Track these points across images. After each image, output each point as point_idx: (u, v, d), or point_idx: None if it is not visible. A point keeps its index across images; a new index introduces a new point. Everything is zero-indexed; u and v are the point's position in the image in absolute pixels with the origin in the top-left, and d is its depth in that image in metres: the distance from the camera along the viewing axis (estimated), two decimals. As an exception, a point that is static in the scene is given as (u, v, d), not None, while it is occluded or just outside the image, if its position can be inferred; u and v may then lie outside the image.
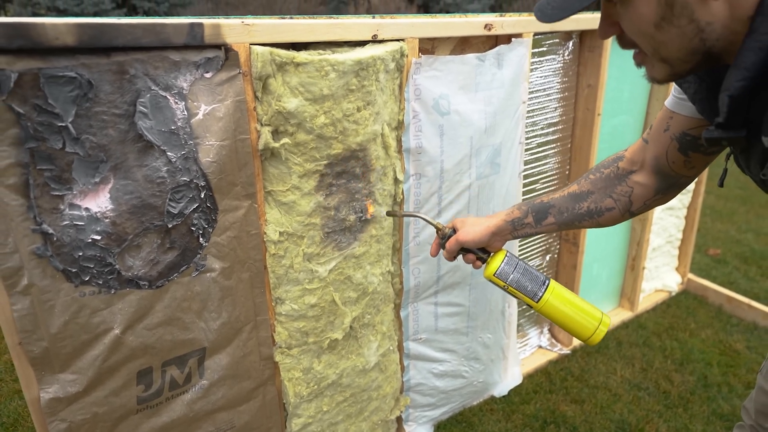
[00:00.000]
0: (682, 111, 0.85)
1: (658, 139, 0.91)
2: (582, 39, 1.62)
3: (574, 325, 1.03)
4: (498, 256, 1.05)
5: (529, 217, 1.03)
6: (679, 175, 0.92)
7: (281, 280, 1.13)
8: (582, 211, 1.00)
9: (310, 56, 0.98)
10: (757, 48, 0.57)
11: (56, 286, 0.86)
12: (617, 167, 0.98)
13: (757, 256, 2.80)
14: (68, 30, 0.76)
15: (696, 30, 0.62)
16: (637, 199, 0.96)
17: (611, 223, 1.01)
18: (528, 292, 1.03)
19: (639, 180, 0.95)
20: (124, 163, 0.87)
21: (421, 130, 1.23)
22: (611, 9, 0.68)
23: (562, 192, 1.02)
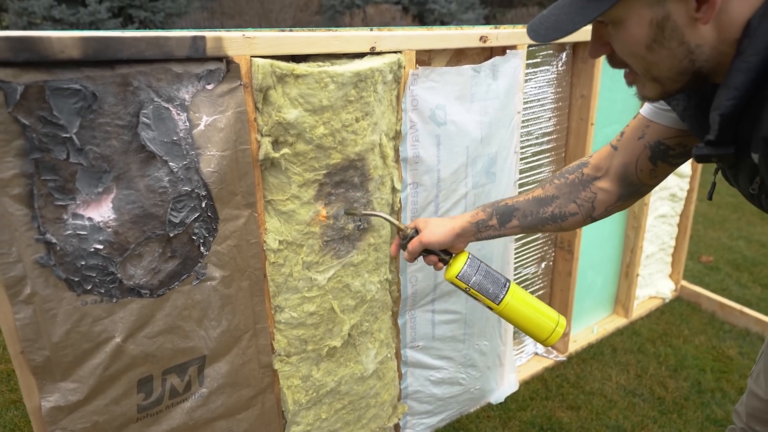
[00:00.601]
0: (660, 120, 0.88)
1: (630, 147, 0.93)
2: (575, 50, 1.65)
3: (532, 327, 1.05)
4: (460, 258, 1.05)
5: (493, 220, 1.04)
6: (642, 183, 0.94)
7: (280, 289, 1.14)
8: (546, 215, 1.01)
9: (309, 68, 1.00)
10: (746, 68, 0.60)
11: (59, 295, 0.87)
12: (582, 173, 1.00)
13: (749, 263, 2.84)
14: (74, 43, 0.77)
15: (686, 52, 0.65)
16: (600, 204, 0.98)
17: (573, 227, 1.03)
18: (489, 294, 1.03)
19: (603, 186, 0.98)
20: (127, 173, 0.89)
21: (418, 139, 1.25)
22: (602, 30, 0.70)
23: (527, 195, 1.04)
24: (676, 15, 0.63)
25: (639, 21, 0.65)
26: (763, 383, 0.98)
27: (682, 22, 0.63)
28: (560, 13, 0.69)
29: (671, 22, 0.63)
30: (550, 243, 1.90)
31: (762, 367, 1.00)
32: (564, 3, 0.69)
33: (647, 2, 0.64)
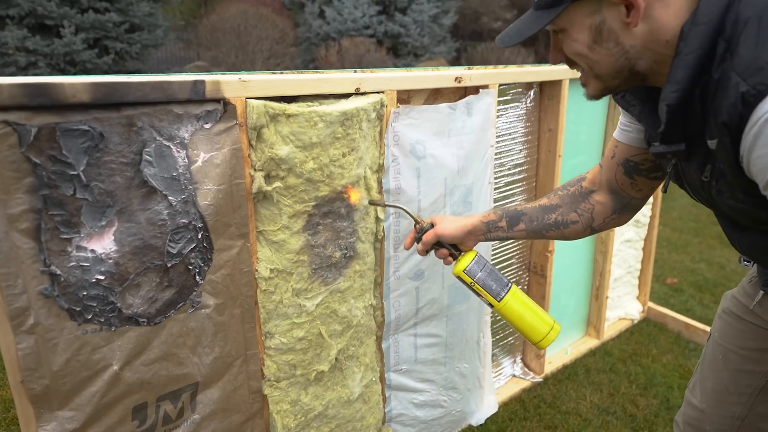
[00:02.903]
0: (625, 140, 1.00)
1: (608, 165, 1.05)
2: (542, 88, 1.78)
3: (527, 328, 1.12)
4: (469, 254, 1.14)
5: (503, 221, 1.13)
6: (629, 195, 1.05)
7: (271, 315, 1.19)
8: (550, 221, 1.11)
9: (300, 108, 1.08)
10: (684, 65, 0.71)
11: (60, 325, 0.91)
12: (581, 186, 1.11)
13: (710, 285, 2.99)
14: (84, 88, 0.84)
15: (622, 51, 0.78)
16: (598, 215, 1.09)
17: (575, 236, 1.12)
18: (492, 291, 1.11)
19: (599, 199, 1.08)
20: (129, 207, 0.94)
21: (399, 172, 1.33)
22: (556, 38, 0.84)
23: (534, 203, 1.14)
24: (611, 20, 0.76)
25: (580, 27, 0.79)
26: (698, 393, 1.08)
27: (616, 26, 0.76)
28: (520, 24, 0.84)
29: (607, 26, 0.77)
30: (524, 268, 1.99)
31: (698, 378, 1.10)
32: (522, 18, 0.85)
33: (586, 12, 0.77)
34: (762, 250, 0.86)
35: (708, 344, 1.10)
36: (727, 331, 1.04)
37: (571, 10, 0.78)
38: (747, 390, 1.00)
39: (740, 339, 1.02)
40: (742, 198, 0.77)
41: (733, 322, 1.03)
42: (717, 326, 1.08)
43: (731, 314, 1.04)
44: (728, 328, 1.04)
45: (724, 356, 1.04)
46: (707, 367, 1.08)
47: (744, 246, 0.89)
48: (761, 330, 0.98)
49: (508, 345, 2.04)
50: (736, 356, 1.02)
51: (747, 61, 0.65)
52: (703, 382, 1.08)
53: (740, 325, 1.02)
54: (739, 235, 0.88)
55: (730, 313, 1.05)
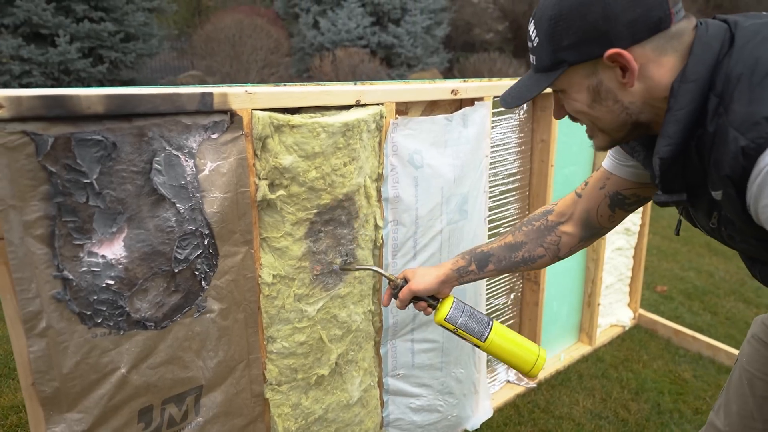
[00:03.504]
0: (619, 173, 1.02)
1: (592, 195, 1.07)
2: (534, 100, 1.83)
3: (516, 361, 1.15)
4: (446, 302, 1.16)
5: (472, 266, 1.16)
6: (601, 226, 1.08)
7: (273, 320, 1.22)
8: (517, 259, 1.14)
9: (303, 119, 1.12)
10: (674, 120, 0.75)
11: (71, 328, 0.93)
12: (546, 220, 1.13)
13: (699, 292, 3.05)
14: (99, 100, 0.87)
15: (621, 108, 0.81)
16: (564, 246, 1.11)
17: (543, 266, 1.16)
18: (475, 333, 1.14)
19: (566, 230, 1.10)
20: (138, 214, 0.97)
21: (398, 181, 1.37)
22: (557, 97, 0.88)
23: (500, 242, 1.16)
24: (608, 81, 0.78)
25: (579, 88, 0.81)
26: (722, 416, 1.09)
27: (613, 86, 0.79)
28: (521, 86, 0.87)
29: (604, 86, 0.79)
30: (518, 275, 2.03)
31: (723, 401, 1.10)
32: (524, 79, 0.88)
33: (583, 74, 0.80)
34: None
35: (735, 368, 1.10)
36: (755, 357, 1.04)
37: (569, 72, 0.80)
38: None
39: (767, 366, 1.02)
40: (755, 243, 0.78)
41: (762, 348, 1.03)
42: (745, 351, 1.08)
43: (760, 341, 1.04)
44: (756, 355, 1.04)
45: (750, 382, 1.04)
46: (733, 391, 1.08)
47: (765, 278, 0.89)
48: None
49: (503, 351, 2.07)
50: (763, 383, 1.02)
51: (743, 116, 0.67)
52: (728, 405, 1.08)
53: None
54: (759, 267, 0.88)
55: (758, 339, 1.04)
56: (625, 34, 0.74)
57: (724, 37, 0.73)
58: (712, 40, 0.73)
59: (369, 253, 1.35)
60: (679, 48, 0.76)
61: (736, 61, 0.70)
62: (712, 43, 0.73)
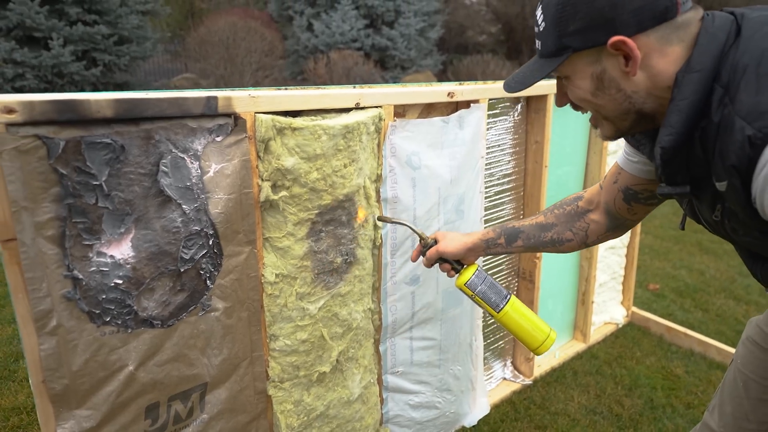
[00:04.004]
0: (628, 169, 1.03)
1: (608, 189, 1.09)
2: (528, 103, 1.87)
3: (525, 336, 1.19)
4: (470, 269, 1.21)
5: (501, 239, 1.20)
6: (624, 218, 1.09)
7: (276, 318, 1.24)
8: (546, 239, 1.17)
9: (304, 122, 1.15)
10: (677, 110, 0.75)
11: (80, 327, 0.96)
12: (577, 206, 1.15)
13: (691, 290, 3.10)
14: (108, 105, 0.90)
15: (624, 96, 0.81)
16: (592, 233, 1.14)
17: (569, 250, 1.18)
18: (491, 303, 1.19)
19: (594, 218, 1.13)
20: (145, 215, 1.00)
21: (396, 182, 1.40)
22: (561, 84, 0.89)
23: (531, 221, 1.19)
24: (611, 69, 0.79)
25: (583, 75, 0.82)
26: (716, 417, 1.11)
27: (616, 74, 0.79)
28: (525, 71, 0.89)
29: (608, 74, 0.80)
30: (513, 273, 2.07)
31: (717, 401, 1.13)
32: (528, 64, 0.89)
33: (587, 61, 0.80)
34: None
35: (730, 369, 1.11)
36: (750, 359, 1.06)
37: (573, 59, 0.81)
38: (767, 419, 1.03)
39: (762, 369, 1.03)
40: (758, 236, 0.78)
41: (756, 351, 1.04)
42: (740, 353, 1.09)
43: (754, 343, 1.05)
44: (751, 357, 1.05)
45: (744, 384, 1.06)
46: (727, 392, 1.10)
47: (765, 276, 0.89)
48: None
49: (499, 349, 2.11)
50: (757, 385, 1.04)
51: (749, 106, 0.67)
52: (723, 406, 1.10)
53: (763, 355, 1.03)
54: (761, 265, 0.88)
55: (753, 341, 1.05)
56: (630, 22, 0.74)
57: (731, 28, 0.74)
58: (718, 31, 0.74)
59: (368, 253, 1.38)
60: (685, 38, 0.76)
61: (743, 52, 0.70)
62: (718, 34, 0.73)
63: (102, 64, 7.24)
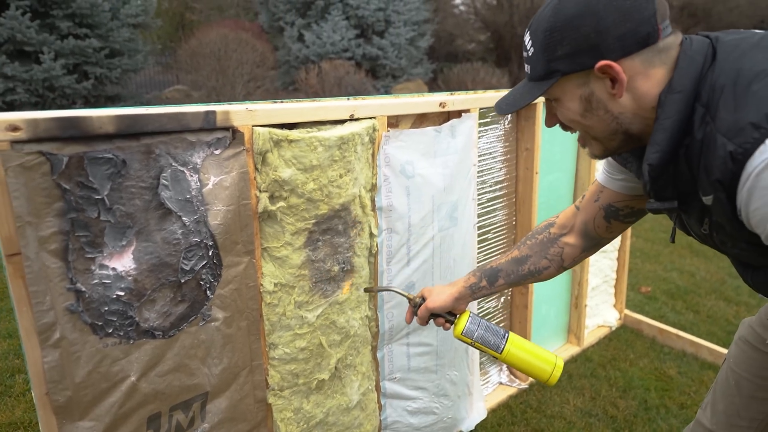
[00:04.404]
0: (611, 186, 1.07)
1: (588, 208, 1.11)
2: (518, 111, 1.91)
3: (534, 370, 1.19)
4: (463, 317, 1.21)
5: (483, 281, 1.21)
6: (600, 237, 1.13)
7: (275, 327, 1.26)
8: (524, 272, 1.19)
9: (300, 134, 1.17)
10: (662, 129, 0.79)
11: (83, 339, 0.97)
12: (549, 233, 1.18)
13: (682, 292, 3.15)
14: (110, 121, 0.92)
15: (612, 117, 0.84)
16: (567, 257, 1.16)
17: (550, 277, 1.20)
18: (491, 345, 1.19)
19: (568, 241, 1.15)
20: (146, 228, 1.02)
21: (391, 190, 1.43)
22: (550, 105, 0.92)
23: (507, 257, 1.21)
24: (598, 92, 0.82)
25: (571, 97, 0.85)
26: (709, 414, 1.14)
27: (603, 96, 0.82)
28: (516, 93, 0.92)
29: (595, 96, 0.83)
30: (507, 279, 2.10)
31: (710, 400, 1.16)
32: (518, 87, 0.92)
33: (576, 84, 0.83)
34: None
35: (722, 368, 1.14)
36: (742, 359, 1.08)
37: (562, 82, 0.84)
38: (758, 416, 1.06)
39: (754, 368, 1.06)
40: (745, 247, 0.81)
41: (749, 350, 1.07)
42: (732, 353, 1.11)
43: (747, 343, 1.08)
44: (743, 356, 1.08)
45: (737, 383, 1.09)
46: (720, 390, 1.12)
47: (757, 283, 0.91)
48: None
49: (494, 353, 2.13)
50: (749, 384, 1.07)
51: (729, 123, 0.71)
52: (715, 404, 1.13)
53: (755, 354, 1.06)
54: (751, 273, 0.90)
55: (745, 341, 1.08)
56: (615, 47, 0.78)
57: (707, 51, 0.78)
58: (696, 54, 0.78)
59: (365, 261, 1.41)
60: (667, 61, 0.80)
61: (719, 73, 0.74)
62: (696, 57, 0.78)
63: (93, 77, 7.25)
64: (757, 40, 0.76)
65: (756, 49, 0.74)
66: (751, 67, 0.72)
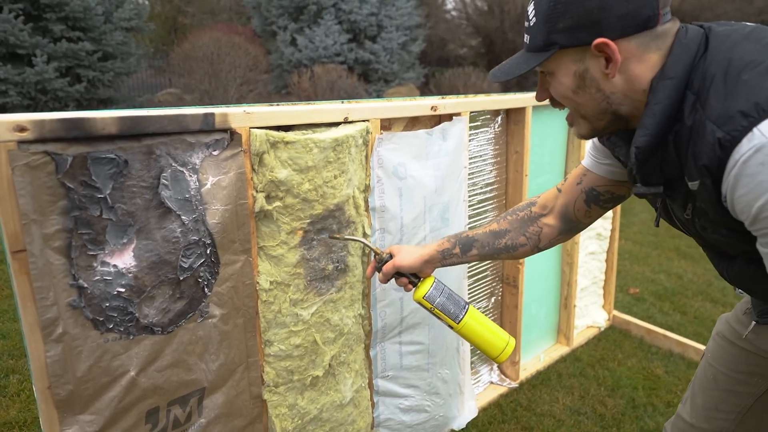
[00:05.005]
0: (596, 170, 1.10)
1: (570, 190, 1.15)
2: (508, 115, 1.96)
3: (485, 345, 1.21)
4: (427, 281, 1.22)
5: (456, 248, 1.22)
6: (578, 221, 1.16)
7: (270, 324, 1.29)
8: (500, 246, 1.20)
9: (296, 136, 1.21)
10: (651, 114, 0.81)
11: (85, 334, 1.00)
12: (530, 211, 1.21)
13: (669, 293, 3.21)
14: (113, 122, 0.95)
15: (603, 96, 0.87)
16: (545, 237, 1.19)
17: (523, 256, 1.22)
18: (451, 314, 1.20)
19: (547, 222, 1.18)
20: (147, 226, 1.05)
21: (384, 191, 1.47)
22: (544, 79, 0.94)
23: (485, 229, 1.23)
24: (593, 70, 0.84)
25: (566, 72, 0.86)
26: (689, 408, 1.18)
27: (597, 75, 0.84)
28: (511, 62, 0.93)
29: (589, 74, 0.84)
30: (497, 279, 2.14)
31: (690, 394, 1.19)
32: (514, 57, 0.94)
33: (572, 59, 0.85)
34: (749, 278, 0.89)
35: (701, 363, 1.17)
36: (720, 354, 1.12)
37: (559, 55, 0.85)
38: (735, 409, 1.09)
39: (731, 362, 1.09)
40: (725, 233, 0.83)
41: (726, 345, 1.10)
42: (710, 348, 1.15)
43: (724, 338, 1.11)
44: (721, 351, 1.11)
45: (714, 377, 1.12)
46: (698, 384, 1.16)
47: (732, 275, 0.93)
48: (751, 354, 1.06)
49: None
50: (726, 377, 1.10)
51: (719, 111, 0.73)
52: (694, 398, 1.16)
53: (732, 349, 1.09)
54: (726, 264, 0.92)
55: (723, 337, 1.12)
56: (615, 26, 0.79)
57: (701, 40, 0.80)
58: (690, 43, 0.80)
59: (358, 260, 1.44)
60: (662, 47, 0.82)
61: (711, 62, 0.77)
62: (690, 45, 0.80)
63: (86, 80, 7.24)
64: (748, 31, 0.80)
65: (747, 41, 0.77)
66: (741, 57, 0.75)
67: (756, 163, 0.70)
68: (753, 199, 0.71)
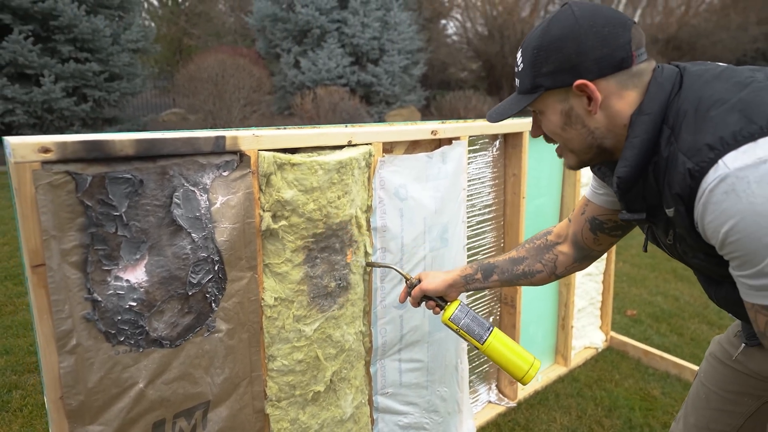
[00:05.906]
0: (595, 201, 1.17)
1: (576, 220, 1.22)
2: (506, 139, 2.03)
3: (510, 366, 1.27)
4: (453, 304, 1.32)
5: (478, 274, 1.31)
6: (590, 248, 1.22)
7: (274, 339, 1.33)
8: (518, 272, 1.29)
9: (302, 158, 1.27)
10: (631, 146, 0.88)
11: (97, 346, 1.04)
12: (546, 239, 1.28)
13: (666, 315, 3.24)
14: (130, 144, 1.01)
15: (588, 131, 0.94)
16: (561, 264, 1.26)
17: (541, 282, 1.29)
18: (475, 335, 1.28)
19: (562, 250, 1.25)
20: (159, 243, 1.10)
21: (385, 212, 1.52)
22: (536, 117, 1.01)
23: (505, 256, 1.32)
24: (577, 107, 0.91)
25: (554, 111, 0.94)
26: (681, 426, 1.22)
27: (581, 112, 0.91)
28: (505, 104, 1.01)
29: (574, 111, 0.93)
30: (496, 299, 2.18)
31: (683, 413, 1.23)
32: (507, 99, 1.02)
33: (557, 99, 0.93)
34: (735, 302, 0.91)
35: (694, 383, 1.21)
36: (712, 374, 1.16)
37: (546, 96, 0.93)
38: (726, 428, 1.13)
39: (723, 382, 1.13)
40: (703, 258, 0.88)
41: (718, 366, 1.15)
42: (703, 368, 1.19)
43: (716, 359, 1.15)
44: (713, 372, 1.16)
45: (707, 396, 1.16)
46: (691, 404, 1.20)
47: (719, 298, 0.96)
48: (742, 375, 1.10)
49: (484, 372, 2.20)
50: (718, 397, 1.14)
51: (689, 144, 0.79)
52: (687, 417, 1.20)
53: (724, 369, 1.13)
54: (714, 288, 0.96)
55: (715, 357, 1.16)
56: (593, 68, 0.87)
57: (675, 79, 0.87)
58: (665, 81, 0.87)
59: (360, 278, 1.49)
60: (639, 85, 0.88)
61: (684, 99, 0.83)
62: (665, 84, 0.87)
63: (92, 100, 7.37)
64: (719, 72, 0.86)
65: (717, 80, 0.84)
66: (710, 95, 0.82)
67: (721, 192, 0.75)
68: (719, 225, 0.77)
